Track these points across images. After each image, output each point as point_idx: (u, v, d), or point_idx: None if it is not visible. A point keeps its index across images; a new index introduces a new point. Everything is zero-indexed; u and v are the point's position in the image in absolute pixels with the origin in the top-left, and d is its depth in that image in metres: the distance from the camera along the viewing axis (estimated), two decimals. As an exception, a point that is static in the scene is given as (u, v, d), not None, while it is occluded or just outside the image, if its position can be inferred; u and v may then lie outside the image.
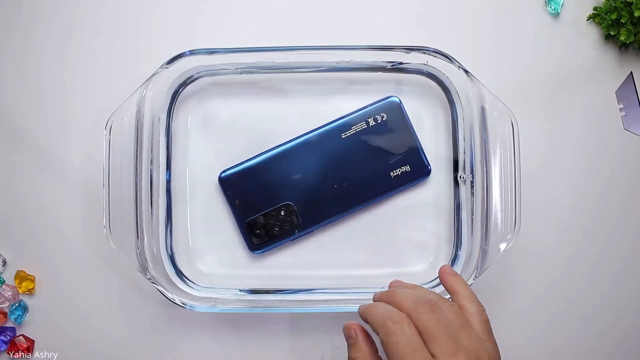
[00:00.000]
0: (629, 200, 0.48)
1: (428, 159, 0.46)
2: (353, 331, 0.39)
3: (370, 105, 0.46)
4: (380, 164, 0.46)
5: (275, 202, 0.46)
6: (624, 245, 0.48)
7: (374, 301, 0.39)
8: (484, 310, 0.38)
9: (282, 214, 0.46)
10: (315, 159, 0.46)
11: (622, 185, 0.48)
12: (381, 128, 0.46)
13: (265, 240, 0.46)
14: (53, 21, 0.49)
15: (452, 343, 0.35)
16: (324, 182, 0.46)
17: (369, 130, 0.46)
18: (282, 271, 0.47)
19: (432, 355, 0.35)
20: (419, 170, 0.46)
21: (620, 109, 0.49)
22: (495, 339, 0.37)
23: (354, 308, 0.39)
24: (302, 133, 0.46)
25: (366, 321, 0.37)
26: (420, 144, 0.46)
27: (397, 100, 0.46)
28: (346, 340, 0.39)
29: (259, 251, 0.47)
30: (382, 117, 0.46)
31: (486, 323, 0.38)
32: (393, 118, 0.46)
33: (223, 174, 0.46)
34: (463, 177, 0.45)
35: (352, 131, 0.46)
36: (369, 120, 0.46)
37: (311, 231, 0.47)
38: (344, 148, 0.46)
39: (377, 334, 0.36)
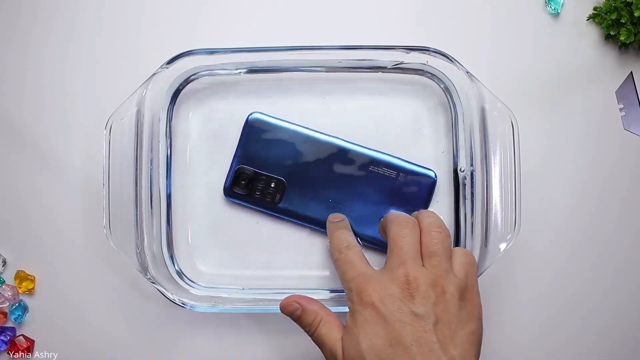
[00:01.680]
0: (629, 200, 0.48)
1: None
2: (294, 303, 0.39)
3: (412, 163, 0.46)
4: (381, 214, 0.45)
5: (275, 172, 0.46)
6: (624, 245, 0.48)
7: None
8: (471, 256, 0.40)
9: (272, 185, 0.46)
10: (334, 166, 0.46)
11: (622, 185, 0.48)
12: (405, 187, 0.46)
13: (241, 194, 0.46)
14: (53, 21, 0.49)
15: (400, 258, 0.37)
16: (325, 189, 0.46)
17: (394, 182, 0.46)
18: (283, 271, 0.47)
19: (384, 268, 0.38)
20: None
21: (620, 109, 0.49)
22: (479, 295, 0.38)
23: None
24: (343, 137, 0.46)
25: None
26: None
27: (434, 176, 0.46)
28: (292, 315, 0.39)
29: (230, 198, 0.47)
30: (413, 180, 0.46)
31: (468, 266, 0.39)
32: (421, 188, 0.46)
33: (252, 116, 0.46)
34: (463, 169, 0.45)
35: (381, 171, 0.46)
36: (401, 174, 0.46)
37: (282, 219, 0.47)
38: (364, 178, 0.46)
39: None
